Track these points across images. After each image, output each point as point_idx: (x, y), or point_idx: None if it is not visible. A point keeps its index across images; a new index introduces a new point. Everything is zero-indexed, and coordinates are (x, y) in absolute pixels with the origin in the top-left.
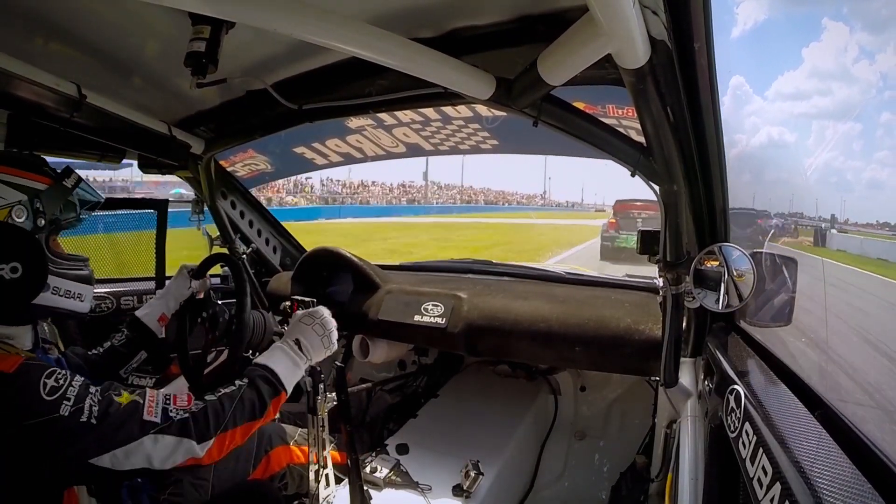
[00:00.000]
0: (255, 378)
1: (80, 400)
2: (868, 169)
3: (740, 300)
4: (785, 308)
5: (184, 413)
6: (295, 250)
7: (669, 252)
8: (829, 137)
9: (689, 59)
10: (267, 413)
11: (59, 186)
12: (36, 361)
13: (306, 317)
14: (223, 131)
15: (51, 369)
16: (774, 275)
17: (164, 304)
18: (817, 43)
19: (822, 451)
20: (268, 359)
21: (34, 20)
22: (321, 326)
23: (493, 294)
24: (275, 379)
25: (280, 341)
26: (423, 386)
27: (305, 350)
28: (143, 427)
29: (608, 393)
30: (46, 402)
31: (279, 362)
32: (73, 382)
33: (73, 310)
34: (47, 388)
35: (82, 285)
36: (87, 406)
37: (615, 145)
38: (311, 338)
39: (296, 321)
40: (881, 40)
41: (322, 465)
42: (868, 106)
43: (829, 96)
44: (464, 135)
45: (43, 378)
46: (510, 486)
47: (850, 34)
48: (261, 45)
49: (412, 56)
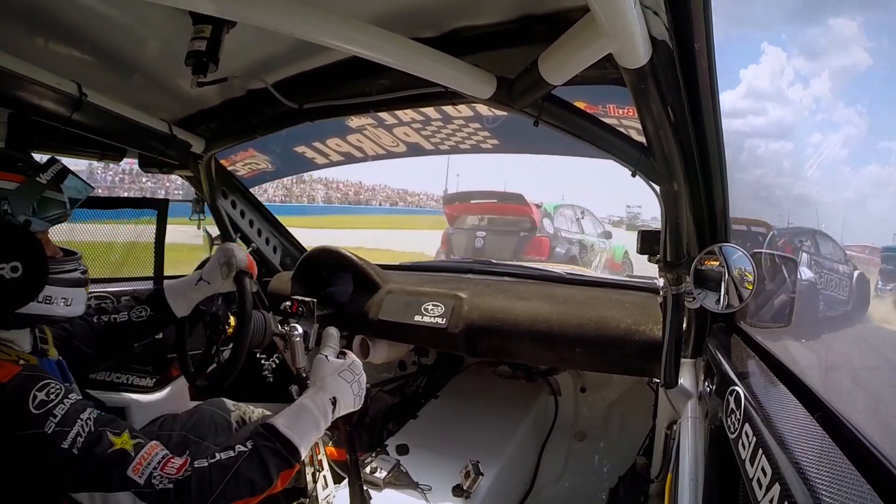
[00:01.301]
0: (262, 448)
1: (67, 422)
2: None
3: (740, 301)
4: (785, 309)
5: (168, 483)
6: (295, 250)
7: (669, 252)
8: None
9: (689, 59)
10: (273, 486)
11: (32, 184)
12: (33, 372)
13: (346, 371)
14: (224, 130)
15: (44, 381)
16: (774, 275)
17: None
18: (755, 66)
19: (821, 453)
20: (291, 424)
21: (35, 19)
22: (359, 385)
23: (494, 294)
24: (290, 450)
25: (312, 395)
26: (424, 386)
27: (337, 409)
28: (123, 482)
29: (608, 394)
30: (33, 416)
31: (305, 429)
32: (64, 399)
33: (63, 315)
34: (36, 400)
35: (71, 289)
36: (74, 432)
37: (616, 145)
38: (346, 397)
39: (333, 374)
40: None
41: (318, 467)
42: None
43: (763, 116)
44: (464, 134)
45: (34, 390)
46: (510, 486)
47: (787, 60)
48: (262, 44)
49: (413, 55)
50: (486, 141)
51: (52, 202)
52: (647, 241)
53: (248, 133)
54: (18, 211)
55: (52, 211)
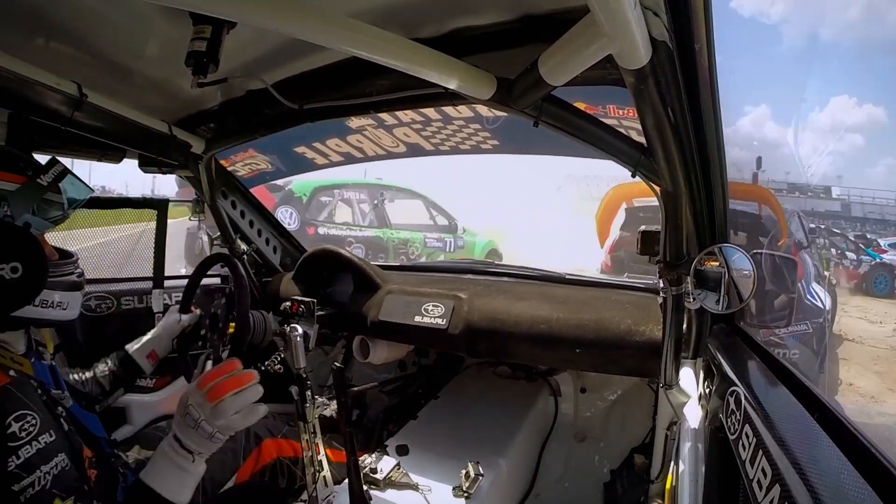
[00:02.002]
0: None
1: (28, 468)
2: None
3: (740, 301)
4: (785, 309)
5: None
6: (295, 250)
7: (669, 253)
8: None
9: (689, 59)
10: None
11: (33, 185)
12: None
13: (180, 405)
14: (224, 131)
15: (24, 411)
16: (774, 276)
17: (155, 342)
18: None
19: (821, 454)
20: (151, 476)
21: (35, 19)
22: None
23: (494, 295)
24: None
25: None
26: (423, 387)
27: (188, 447)
28: None
29: (608, 394)
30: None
31: (163, 480)
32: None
33: (58, 319)
34: (9, 430)
35: (67, 293)
36: (28, 482)
37: (616, 146)
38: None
39: (176, 415)
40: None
41: (318, 467)
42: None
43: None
44: (464, 135)
45: (11, 417)
46: (510, 487)
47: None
48: (261, 44)
49: (413, 56)
50: (486, 141)
51: (52, 204)
52: (647, 241)
53: (248, 133)
54: (19, 212)
55: (52, 213)
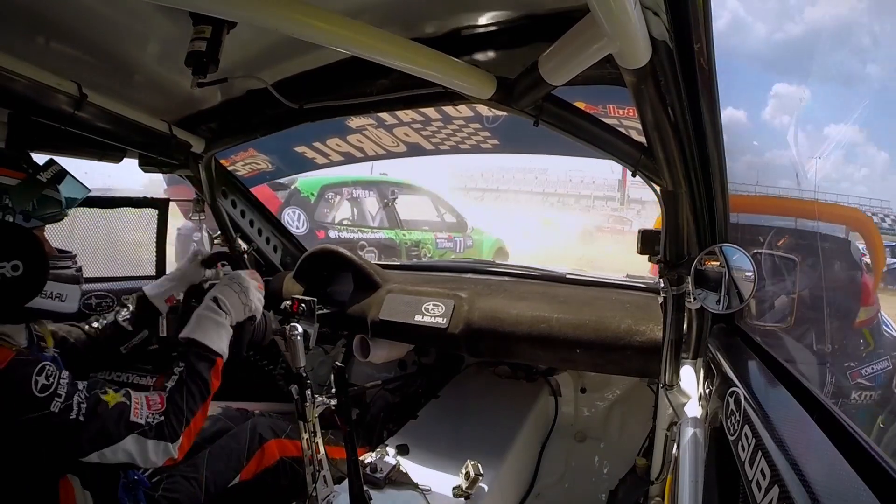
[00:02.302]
0: (190, 358)
1: (69, 397)
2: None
3: (741, 301)
4: (785, 309)
5: (159, 416)
6: (295, 249)
7: (670, 252)
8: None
9: (689, 59)
10: (212, 386)
11: (33, 181)
12: (26, 357)
13: (227, 279)
14: (224, 130)
15: (41, 365)
16: (775, 276)
17: (176, 287)
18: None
19: (820, 454)
20: (193, 330)
21: (35, 19)
22: (245, 294)
23: (494, 294)
24: (206, 351)
25: (201, 305)
26: (424, 386)
27: (224, 307)
28: (129, 427)
29: (609, 394)
30: (38, 399)
31: (205, 330)
32: (61, 378)
33: (58, 311)
34: (39, 385)
35: (66, 285)
36: (76, 403)
37: (616, 145)
38: (229, 296)
39: (220, 284)
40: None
41: (318, 467)
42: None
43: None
44: (464, 134)
45: (35, 374)
46: (510, 487)
47: None
48: (261, 44)
49: (413, 56)
50: (487, 141)
51: (50, 201)
52: (648, 241)
53: (248, 133)
54: (18, 206)
55: (50, 209)
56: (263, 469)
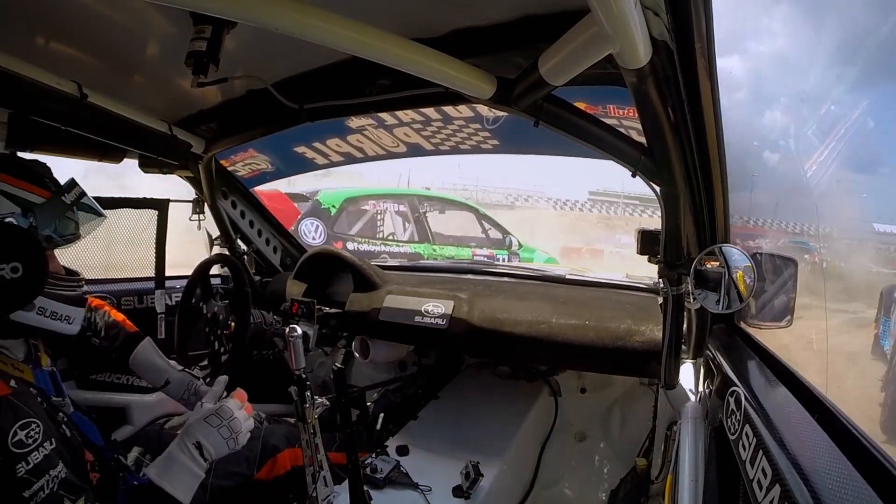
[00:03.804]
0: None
1: (37, 472)
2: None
3: (740, 301)
4: (785, 309)
5: None
6: (295, 250)
7: (669, 253)
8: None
9: (690, 59)
10: None
11: (57, 201)
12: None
13: (213, 417)
14: (224, 131)
15: (27, 420)
16: (775, 276)
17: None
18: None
19: (821, 454)
20: (162, 473)
21: (35, 19)
22: (229, 428)
23: (494, 295)
24: (167, 499)
25: (178, 441)
26: (423, 387)
27: (207, 453)
28: None
29: (609, 394)
30: (9, 453)
31: (176, 479)
32: (41, 446)
33: (60, 332)
34: (16, 438)
35: (71, 307)
36: (38, 486)
37: (616, 146)
38: (213, 439)
39: (199, 420)
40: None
41: (318, 468)
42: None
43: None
44: (465, 135)
45: (16, 426)
46: (510, 487)
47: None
48: (262, 44)
49: (413, 56)
50: (487, 141)
51: (70, 223)
52: (647, 241)
53: (248, 133)
54: (43, 226)
55: (69, 231)
56: (274, 478)
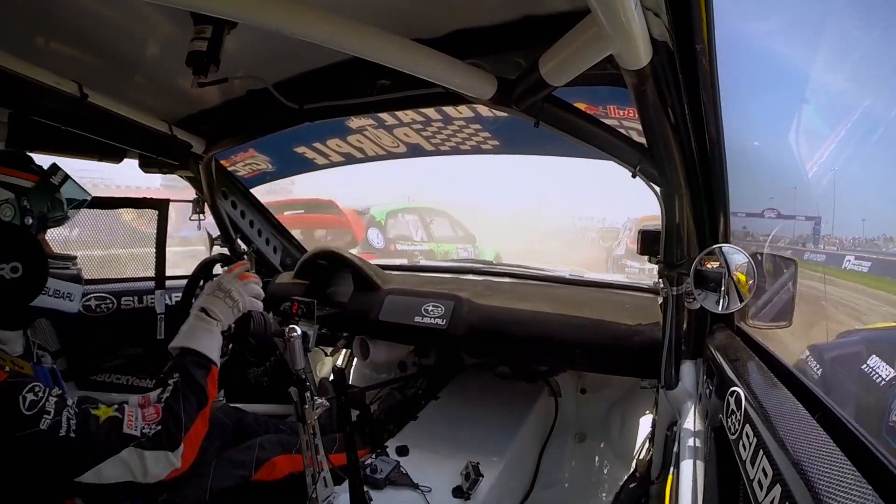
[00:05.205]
0: (185, 366)
1: (58, 413)
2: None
3: (740, 301)
4: (785, 309)
5: (156, 426)
6: (295, 250)
7: (669, 253)
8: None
9: (690, 60)
10: (210, 393)
11: (46, 184)
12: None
13: (217, 290)
14: (224, 131)
15: (30, 384)
16: (775, 276)
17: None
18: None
19: (822, 453)
20: (186, 339)
21: (36, 19)
22: (231, 298)
23: (494, 295)
24: (201, 358)
25: (190, 316)
26: (423, 387)
27: (213, 314)
28: (123, 439)
29: (609, 395)
30: (26, 416)
31: (198, 339)
32: (50, 396)
33: (63, 310)
34: (27, 402)
35: (72, 284)
36: (65, 419)
37: (616, 146)
38: (215, 303)
39: (204, 294)
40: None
41: (318, 469)
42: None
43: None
44: (465, 135)
45: (23, 392)
46: (510, 488)
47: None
48: (262, 44)
49: (414, 56)
50: (487, 142)
51: (59, 203)
52: (648, 241)
53: (248, 133)
54: (37, 208)
55: (58, 212)
56: (272, 480)
